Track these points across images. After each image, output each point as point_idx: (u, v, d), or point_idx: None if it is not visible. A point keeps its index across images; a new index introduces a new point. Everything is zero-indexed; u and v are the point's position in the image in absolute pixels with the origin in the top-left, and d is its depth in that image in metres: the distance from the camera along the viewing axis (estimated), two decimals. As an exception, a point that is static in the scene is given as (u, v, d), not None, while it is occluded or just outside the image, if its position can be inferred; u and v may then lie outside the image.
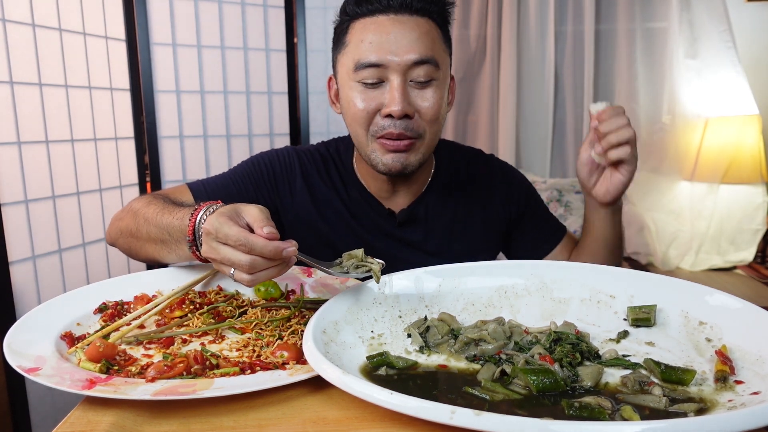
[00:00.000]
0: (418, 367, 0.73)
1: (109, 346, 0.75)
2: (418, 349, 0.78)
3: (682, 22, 2.96)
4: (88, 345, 0.76)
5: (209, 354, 0.76)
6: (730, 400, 0.61)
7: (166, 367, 0.71)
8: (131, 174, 2.11)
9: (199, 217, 0.82)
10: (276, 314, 0.91)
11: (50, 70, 1.71)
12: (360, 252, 0.87)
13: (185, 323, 0.88)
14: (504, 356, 0.74)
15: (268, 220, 0.76)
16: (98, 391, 0.64)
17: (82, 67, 1.85)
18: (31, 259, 1.67)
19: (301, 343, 0.72)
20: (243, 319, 0.89)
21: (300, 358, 0.75)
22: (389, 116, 1.02)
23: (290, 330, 0.84)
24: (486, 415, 0.51)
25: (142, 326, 0.87)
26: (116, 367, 0.73)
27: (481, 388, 0.66)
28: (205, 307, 0.92)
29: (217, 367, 0.73)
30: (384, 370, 0.70)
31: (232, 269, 0.75)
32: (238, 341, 0.82)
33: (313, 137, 2.63)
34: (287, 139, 2.56)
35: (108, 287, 0.97)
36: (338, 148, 1.24)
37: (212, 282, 1.03)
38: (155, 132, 2.18)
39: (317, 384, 0.69)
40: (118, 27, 2.03)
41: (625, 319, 0.83)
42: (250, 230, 0.75)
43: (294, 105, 2.55)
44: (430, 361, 0.75)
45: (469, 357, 0.75)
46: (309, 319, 0.77)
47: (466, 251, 1.21)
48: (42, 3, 1.68)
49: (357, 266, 0.85)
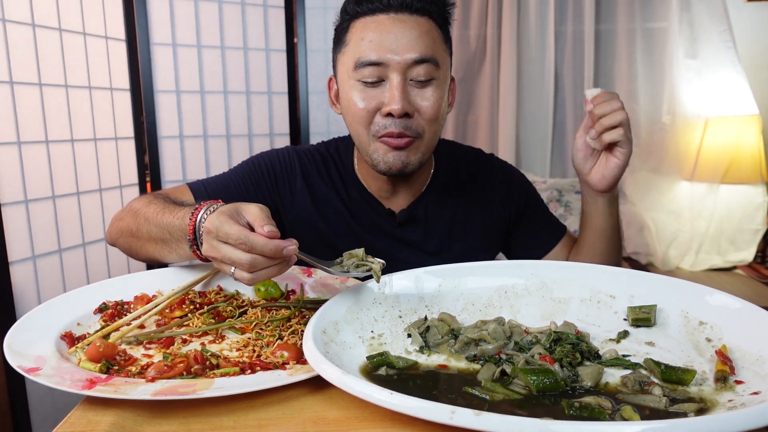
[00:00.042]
0: (418, 367, 0.73)
1: (109, 346, 0.75)
2: (418, 349, 0.78)
3: (682, 22, 2.96)
4: (88, 345, 0.76)
5: (209, 354, 0.76)
6: (730, 400, 0.61)
7: (166, 367, 0.71)
8: (131, 174, 2.11)
9: (199, 216, 0.82)
10: (276, 314, 0.91)
11: (50, 70, 1.71)
12: (360, 251, 0.87)
13: (185, 323, 0.88)
14: (504, 356, 0.74)
15: (269, 218, 0.76)
16: (98, 391, 0.64)
17: (82, 67, 1.85)
18: (31, 259, 1.67)
19: (301, 343, 0.73)
20: (243, 319, 0.89)
21: (300, 358, 0.75)
22: (389, 115, 1.02)
23: (290, 330, 0.84)
24: (486, 415, 0.51)
25: (142, 326, 0.87)
26: (116, 367, 0.73)
27: (481, 388, 0.66)
28: (205, 307, 0.92)
29: (217, 367, 0.73)
30: (384, 370, 0.70)
31: (233, 268, 0.75)
32: (238, 341, 0.83)
33: (313, 137, 2.63)
34: (287, 139, 2.55)
35: (108, 287, 0.97)
36: (338, 148, 1.24)
37: (212, 282, 1.03)
38: (155, 132, 2.18)
39: (317, 384, 0.69)
40: (118, 27, 2.03)
41: (625, 319, 0.83)
42: (251, 229, 0.75)
43: (294, 105, 2.55)
44: (430, 361, 0.75)
45: (469, 357, 0.75)
46: (309, 319, 0.77)
47: (466, 251, 1.21)
48: (42, 3, 1.68)
49: (357, 265, 0.85)
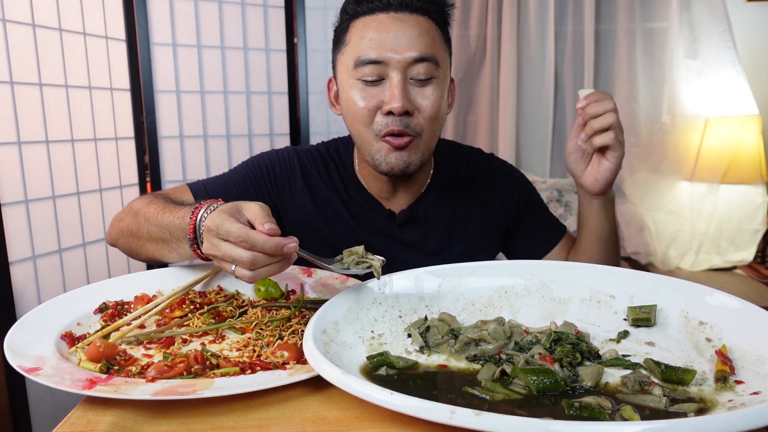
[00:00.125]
0: (418, 367, 0.73)
1: (110, 346, 0.75)
2: (418, 349, 0.78)
3: (682, 22, 2.96)
4: (89, 345, 0.76)
5: (209, 354, 0.76)
6: (730, 400, 0.61)
7: (166, 367, 0.71)
8: (131, 174, 2.11)
9: (200, 215, 0.82)
10: (276, 314, 0.91)
11: (50, 70, 1.71)
12: (360, 249, 0.87)
13: (185, 323, 0.88)
14: (504, 356, 0.74)
15: (269, 216, 0.76)
16: (98, 391, 0.64)
17: (82, 67, 1.85)
18: (31, 259, 1.67)
19: (301, 343, 0.73)
20: (243, 319, 0.89)
21: (300, 358, 0.75)
22: (390, 113, 1.02)
23: (290, 330, 0.84)
24: (486, 415, 0.51)
25: (142, 326, 0.87)
26: (116, 367, 0.73)
27: (481, 388, 0.66)
28: (206, 307, 0.92)
29: (218, 367, 0.73)
30: (384, 370, 0.70)
31: (234, 266, 0.75)
32: (238, 341, 0.83)
33: (313, 137, 2.63)
34: (287, 139, 2.55)
35: (108, 287, 0.97)
36: (338, 149, 1.24)
37: (212, 282, 1.03)
38: (155, 132, 2.18)
39: (317, 384, 0.69)
40: (118, 27, 2.03)
41: (625, 319, 0.83)
42: (251, 227, 0.75)
43: (294, 105, 2.55)
44: (430, 361, 0.75)
45: (469, 357, 0.75)
46: (309, 319, 0.77)
47: (466, 251, 1.21)
48: (42, 3, 1.68)
49: (357, 263, 0.86)
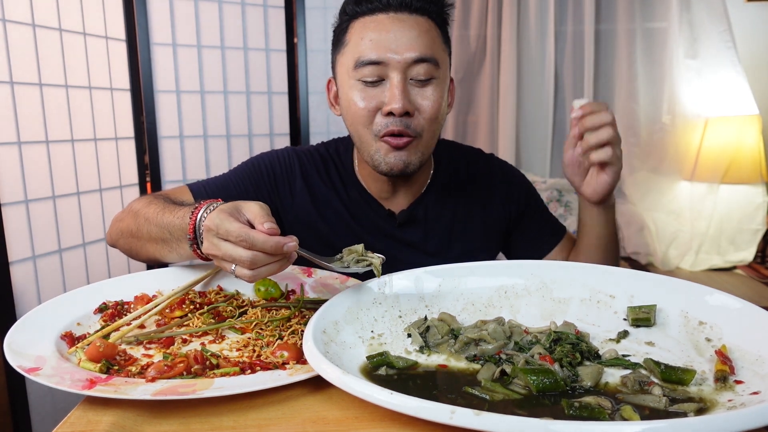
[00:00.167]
0: (418, 367, 0.73)
1: (109, 346, 0.75)
2: (418, 349, 0.78)
3: (682, 22, 2.96)
4: (88, 345, 0.76)
5: (209, 354, 0.76)
6: (729, 400, 0.61)
7: (166, 367, 0.71)
8: (131, 174, 2.11)
9: (199, 215, 0.82)
10: (276, 314, 0.91)
11: (50, 70, 1.71)
12: (360, 247, 0.87)
13: (185, 323, 0.88)
14: (504, 356, 0.74)
15: (269, 216, 0.76)
16: (98, 391, 0.64)
17: (82, 67, 1.85)
18: (31, 259, 1.67)
19: (301, 343, 0.73)
20: (243, 319, 0.89)
21: (300, 358, 0.75)
22: (390, 114, 1.02)
23: (290, 330, 0.84)
24: (486, 415, 0.51)
25: (142, 326, 0.87)
26: (116, 367, 0.73)
27: (481, 388, 0.66)
28: (205, 307, 0.92)
29: (217, 367, 0.73)
30: (384, 370, 0.70)
31: (233, 265, 0.76)
32: (238, 341, 0.83)
33: (313, 137, 2.63)
34: (287, 139, 2.55)
35: (108, 287, 0.97)
36: (338, 149, 1.24)
37: (212, 282, 1.03)
38: (155, 132, 2.18)
39: (317, 384, 0.69)
40: (118, 27, 2.03)
41: (625, 319, 0.83)
42: (251, 226, 0.75)
43: (294, 105, 2.55)
44: (430, 361, 0.75)
45: (469, 357, 0.75)
46: (309, 319, 0.77)
47: (466, 251, 1.21)
48: (42, 3, 1.68)
49: (357, 261, 0.86)
